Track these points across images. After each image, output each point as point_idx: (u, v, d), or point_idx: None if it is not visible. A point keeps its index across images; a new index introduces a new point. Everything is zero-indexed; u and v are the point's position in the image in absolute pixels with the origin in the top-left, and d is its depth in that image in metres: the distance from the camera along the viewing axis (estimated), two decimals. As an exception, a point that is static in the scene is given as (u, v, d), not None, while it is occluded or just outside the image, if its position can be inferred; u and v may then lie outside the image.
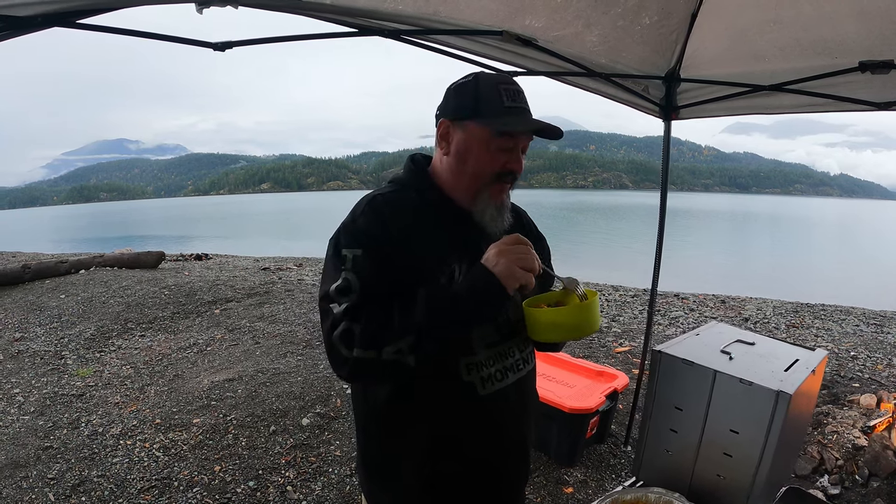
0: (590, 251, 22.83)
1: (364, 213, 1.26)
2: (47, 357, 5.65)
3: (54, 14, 1.41)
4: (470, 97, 1.28)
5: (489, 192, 1.30)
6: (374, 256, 1.20)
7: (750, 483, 1.66)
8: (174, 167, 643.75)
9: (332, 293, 1.18)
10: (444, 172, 1.34)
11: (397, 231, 1.24)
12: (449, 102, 1.32)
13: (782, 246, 28.69)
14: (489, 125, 1.25)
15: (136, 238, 35.33)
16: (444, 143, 1.33)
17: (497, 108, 1.26)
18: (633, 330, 6.94)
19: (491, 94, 1.27)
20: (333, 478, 3.40)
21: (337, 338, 1.13)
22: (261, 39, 1.99)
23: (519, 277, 1.15)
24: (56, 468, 3.46)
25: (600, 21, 2.45)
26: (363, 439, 1.42)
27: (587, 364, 3.91)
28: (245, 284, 8.95)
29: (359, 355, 1.11)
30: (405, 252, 1.22)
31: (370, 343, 1.11)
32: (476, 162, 1.28)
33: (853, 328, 7.50)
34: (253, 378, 4.88)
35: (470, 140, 1.28)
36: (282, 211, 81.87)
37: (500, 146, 1.26)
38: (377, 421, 1.36)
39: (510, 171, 1.30)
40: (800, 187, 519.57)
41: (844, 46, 2.41)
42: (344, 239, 1.23)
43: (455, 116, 1.30)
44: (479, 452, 1.36)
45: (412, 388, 1.28)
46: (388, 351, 1.10)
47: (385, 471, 1.38)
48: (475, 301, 1.16)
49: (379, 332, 1.12)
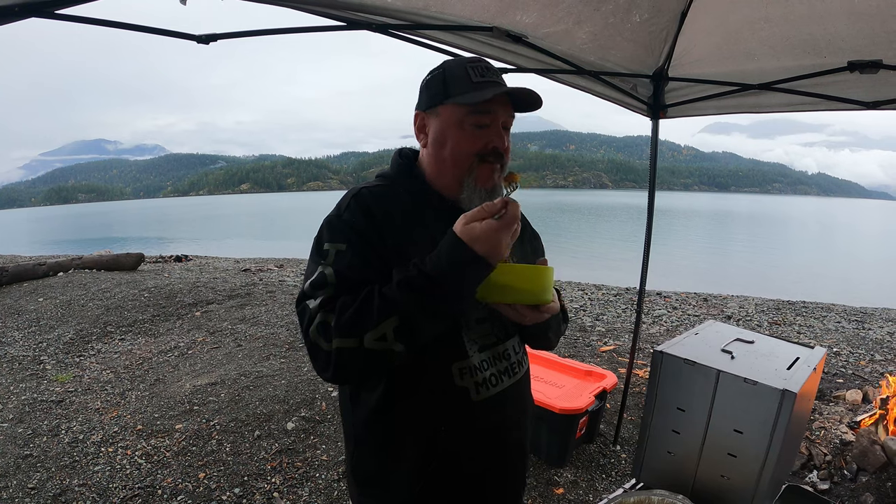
0: (572, 250, 22.91)
1: (349, 208, 1.21)
2: (25, 362, 5.51)
3: (32, 3, 1.34)
4: (440, 83, 1.25)
5: (475, 177, 1.23)
6: (358, 251, 1.15)
7: (755, 483, 1.64)
8: (153, 168, 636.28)
9: (306, 290, 1.13)
10: (428, 164, 1.30)
11: (384, 225, 1.19)
12: (422, 96, 1.29)
13: (762, 244, 29.04)
14: (459, 102, 1.21)
15: (115, 240, 34.83)
16: (422, 134, 1.30)
17: (466, 85, 1.22)
18: (618, 329, 6.95)
19: (459, 73, 1.24)
20: (321, 483, 3.34)
21: (314, 332, 1.07)
22: (246, 32, 1.93)
23: (503, 250, 1.05)
24: (36, 477, 3.36)
25: (591, 18, 2.43)
26: (351, 449, 1.36)
27: (575, 364, 3.90)
28: (226, 286, 8.83)
29: (339, 345, 1.04)
30: (392, 246, 1.18)
31: (349, 330, 1.04)
32: (454, 144, 1.23)
33: (835, 325, 7.59)
34: (236, 382, 4.80)
35: (444, 123, 1.24)
36: (262, 212, 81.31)
37: (475, 123, 1.21)
38: (365, 432, 1.30)
39: (493, 150, 1.23)
40: (778, 186, 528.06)
41: (834, 46, 2.41)
42: (327, 233, 1.19)
43: (428, 105, 1.27)
44: (474, 466, 1.30)
45: (401, 395, 1.23)
46: (369, 338, 1.03)
47: (374, 483, 1.32)
48: (456, 278, 1.06)
49: (357, 317, 1.05)
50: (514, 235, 1.06)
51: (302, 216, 61.02)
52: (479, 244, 1.02)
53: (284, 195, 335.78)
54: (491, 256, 1.03)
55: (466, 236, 1.03)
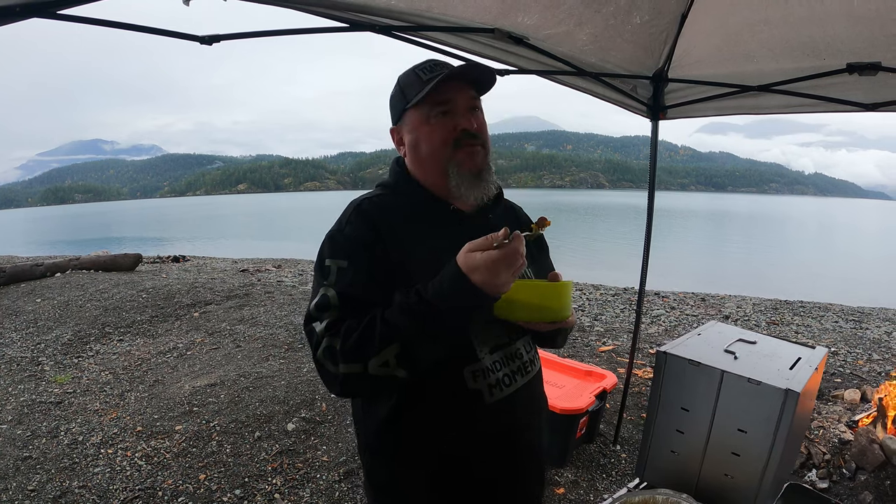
0: (569, 250, 22.92)
1: (350, 221, 1.23)
2: (24, 363, 5.50)
3: (34, 3, 1.33)
4: (399, 95, 1.31)
5: (456, 163, 1.24)
6: (361, 266, 1.16)
7: (758, 482, 1.66)
8: (150, 168, 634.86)
9: (312, 311, 1.16)
10: (415, 171, 1.33)
11: (387, 235, 1.21)
12: (391, 113, 1.35)
13: (759, 244, 29.09)
14: (416, 102, 1.25)
15: (113, 240, 34.74)
16: (401, 146, 1.34)
17: (418, 86, 1.25)
18: (616, 329, 6.96)
19: (410, 80, 1.28)
20: (322, 484, 3.34)
21: (321, 356, 1.10)
22: (249, 33, 1.92)
23: (502, 283, 1.02)
24: (36, 479, 3.35)
25: (592, 20, 2.43)
26: (367, 458, 1.37)
27: (575, 364, 3.90)
28: (224, 286, 8.82)
29: (345, 371, 1.07)
30: (397, 255, 1.19)
31: (354, 357, 1.07)
32: (426, 141, 1.26)
33: (832, 324, 7.61)
34: (235, 383, 4.79)
35: (412, 128, 1.29)
36: (259, 212, 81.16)
37: (437, 113, 1.24)
38: (378, 441, 1.31)
39: (463, 130, 1.24)
40: (774, 186, 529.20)
41: (833, 48, 2.42)
42: (329, 249, 1.21)
43: (396, 119, 1.34)
44: (488, 471, 1.30)
45: (412, 403, 1.23)
46: (373, 365, 1.06)
47: (390, 492, 1.34)
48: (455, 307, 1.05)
49: (360, 343, 1.07)
50: (516, 271, 1.03)
51: (299, 216, 60.99)
52: (478, 274, 1.01)
53: (281, 195, 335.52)
54: (488, 287, 1.02)
55: (465, 266, 1.02)
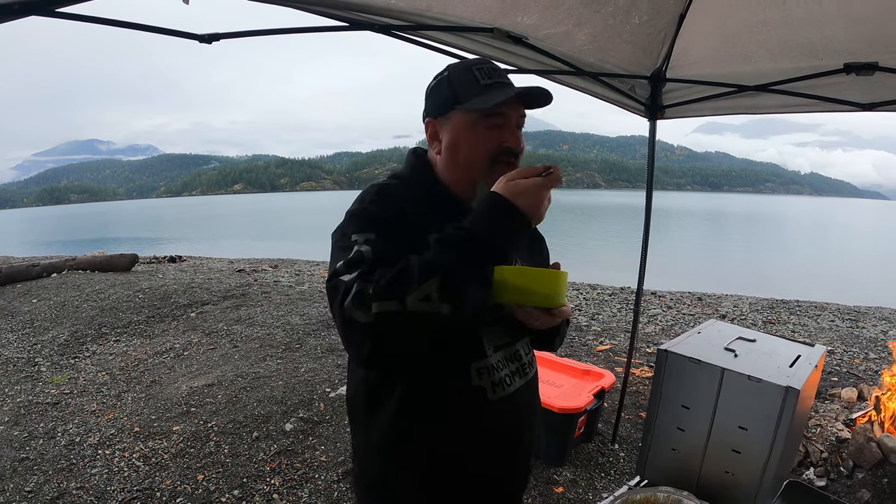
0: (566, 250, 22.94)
1: (374, 201, 1.19)
2: (20, 364, 5.47)
3: (33, 1, 1.32)
4: (447, 89, 1.24)
5: (487, 182, 1.16)
6: (391, 237, 1.12)
7: (759, 479, 1.67)
8: (146, 168, 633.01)
9: (340, 268, 1.07)
10: (442, 170, 1.28)
11: (402, 220, 1.17)
12: (429, 102, 1.29)
13: (756, 243, 29.15)
14: (470, 107, 1.20)
15: (109, 240, 34.58)
16: (435, 142, 1.28)
17: (475, 88, 1.21)
18: (613, 328, 6.97)
19: (466, 77, 1.23)
20: (320, 484, 3.34)
21: (350, 304, 1.00)
22: (249, 32, 1.93)
23: (544, 210, 1.09)
24: (33, 480, 3.34)
25: (591, 19, 2.44)
26: (361, 456, 1.36)
27: (573, 363, 3.91)
28: (220, 287, 8.80)
29: (379, 309, 0.97)
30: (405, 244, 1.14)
31: (390, 292, 0.98)
32: (468, 149, 1.22)
33: (829, 323, 7.64)
34: (233, 383, 4.78)
35: (457, 129, 1.23)
36: (255, 212, 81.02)
37: (488, 125, 1.20)
38: (377, 437, 1.28)
39: (507, 149, 1.22)
40: (771, 186, 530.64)
41: (830, 49, 2.43)
42: (354, 225, 1.15)
43: (438, 112, 1.26)
44: (482, 467, 1.30)
45: (416, 395, 1.22)
46: (413, 300, 0.97)
47: (382, 490, 1.33)
48: (497, 229, 1.06)
49: (398, 279, 1.00)
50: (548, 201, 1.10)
51: (296, 216, 60.91)
52: (523, 199, 1.05)
53: (278, 195, 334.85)
54: (531, 212, 1.06)
55: (510, 192, 1.06)
